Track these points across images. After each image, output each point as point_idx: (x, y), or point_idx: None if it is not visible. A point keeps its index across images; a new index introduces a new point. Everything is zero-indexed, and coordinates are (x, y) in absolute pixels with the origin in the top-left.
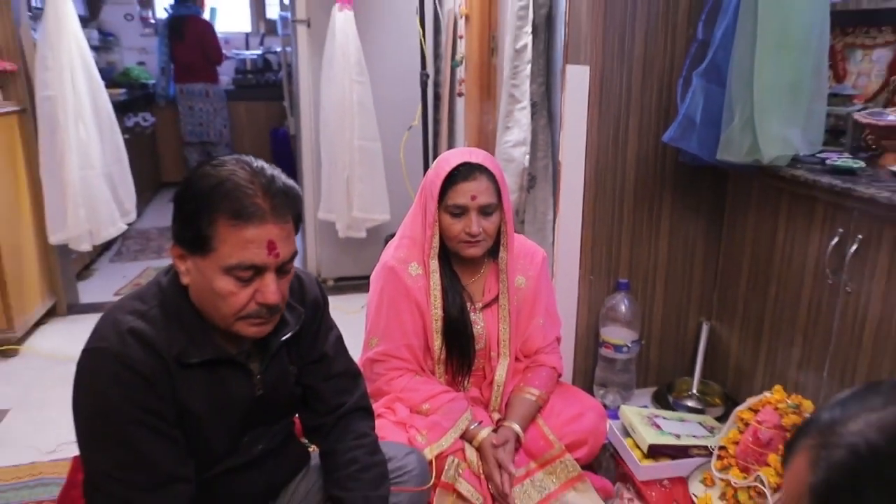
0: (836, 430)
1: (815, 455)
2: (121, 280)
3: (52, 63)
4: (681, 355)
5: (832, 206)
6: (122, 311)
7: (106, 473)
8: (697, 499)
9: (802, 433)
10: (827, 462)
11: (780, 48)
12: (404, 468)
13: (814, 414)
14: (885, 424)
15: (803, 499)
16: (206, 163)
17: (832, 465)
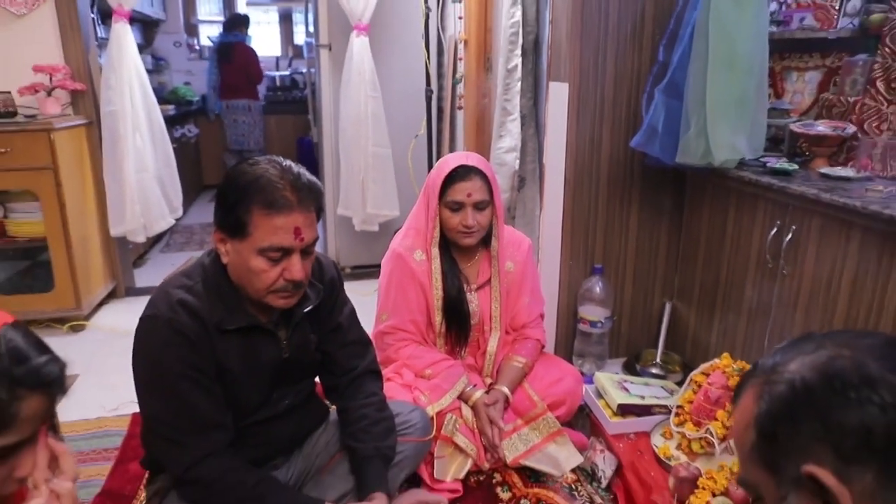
0: (777, 369)
1: (759, 391)
2: (169, 268)
3: (115, 83)
4: (647, 330)
5: (771, 202)
6: (172, 285)
7: (159, 419)
8: (658, 448)
9: (749, 375)
10: (769, 395)
11: (727, 69)
12: (409, 422)
13: (758, 360)
14: (817, 364)
15: (749, 428)
16: (244, 162)
17: (774, 398)
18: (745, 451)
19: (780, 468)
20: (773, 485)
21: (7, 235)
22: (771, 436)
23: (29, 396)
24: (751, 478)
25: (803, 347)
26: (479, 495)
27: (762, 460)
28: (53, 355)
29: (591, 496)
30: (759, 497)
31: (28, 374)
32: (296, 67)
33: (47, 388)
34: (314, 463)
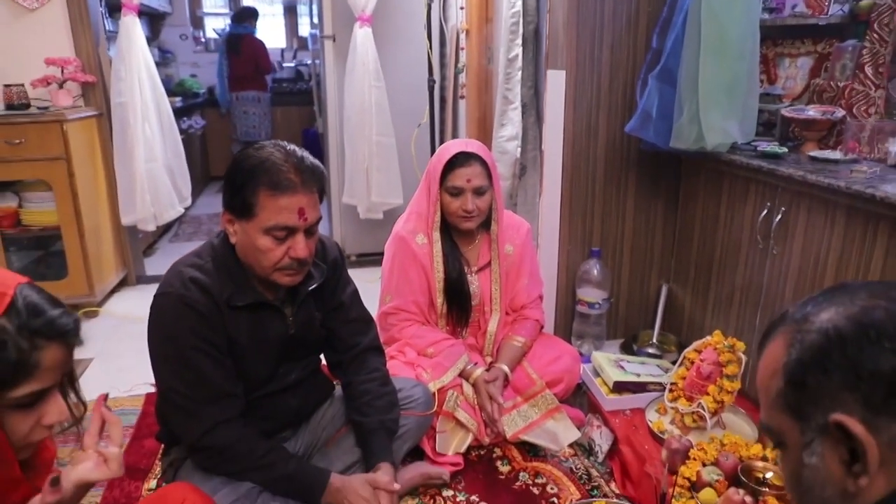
0: (809, 318)
1: (790, 339)
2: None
3: (125, 75)
4: (644, 311)
5: (762, 184)
6: (184, 264)
7: (174, 389)
8: (652, 423)
9: (778, 324)
10: (801, 344)
11: (719, 55)
12: (412, 397)
13: (787, 309)
14: (851, 314)
15: (777, 375)
16: (250, 146)
17: (805, 347)
18: (771, 398)
19: (807, 416)
20: (798, 432)
21: (21, 224)
22: (800, 384)
23: (47, 346)
24: (774, 424)
25: (837, 297)
26: (479, 469)
27: (788, 407)
28: (66, 308)
29: (588, 469)
30: (781, 443)
31: (45, 325)
32: (301, 59)
33: (63, 338)
34: (321, 436)
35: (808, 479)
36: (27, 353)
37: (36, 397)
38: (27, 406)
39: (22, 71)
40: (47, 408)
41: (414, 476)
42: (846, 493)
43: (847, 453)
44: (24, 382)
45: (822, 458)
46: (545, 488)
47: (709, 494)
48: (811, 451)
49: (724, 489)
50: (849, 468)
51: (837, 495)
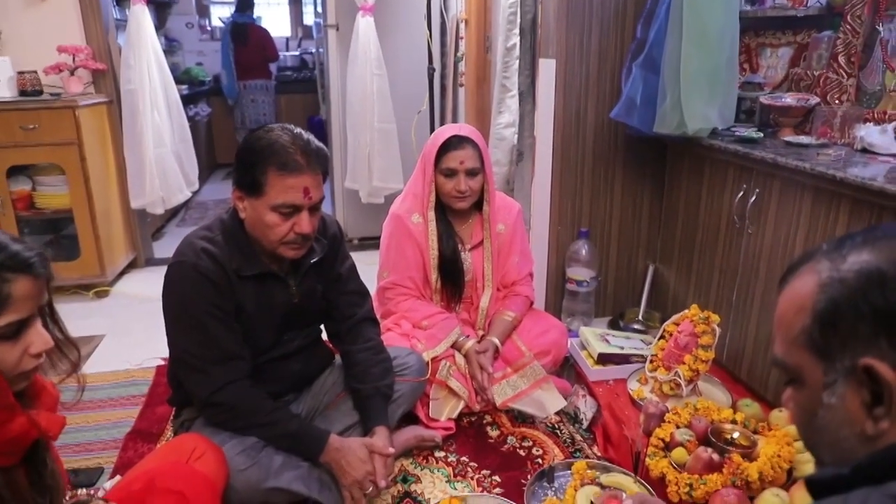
0: (846, 258)
1: (823, 276)
2: None
3: (134, 63)
4: (631, 290)
5: (739, 167)
6: (196, 236)
7: (188, 351)
8: (633, 391)
9: (805, 261)
10: (838, 283)
11: (700, 45)
12: (406, 364)
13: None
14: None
15: (803, 312)
16: (259, 129)
17: (841, 286)
18: (793, 335)
19: (834, 357)
20: (820, 371)
21: (35, 207)
22: (830, 324)
23: (15, 279)
24: (792, 360)
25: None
26: (470, 433)
27: (813, 346)
28: (29, 244)
29: (573, 435)
30: (795, 380)
31: (8, 258)
32: (305, 48)
33: (28, 269)
34: (322, 401)
35: (824, 418)
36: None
37: (16, 328)
38: (10, 337)
39: (35, 58)
40: (31, 338)
41: (409, 438)
42: (863, 435)
43: (870, 396)
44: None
45: (842, 400)
46: (531, 451)
47: (680, 453)
48: (832, 391)
49: (695, 448)
50: (870, 411)
51: (853, 437)
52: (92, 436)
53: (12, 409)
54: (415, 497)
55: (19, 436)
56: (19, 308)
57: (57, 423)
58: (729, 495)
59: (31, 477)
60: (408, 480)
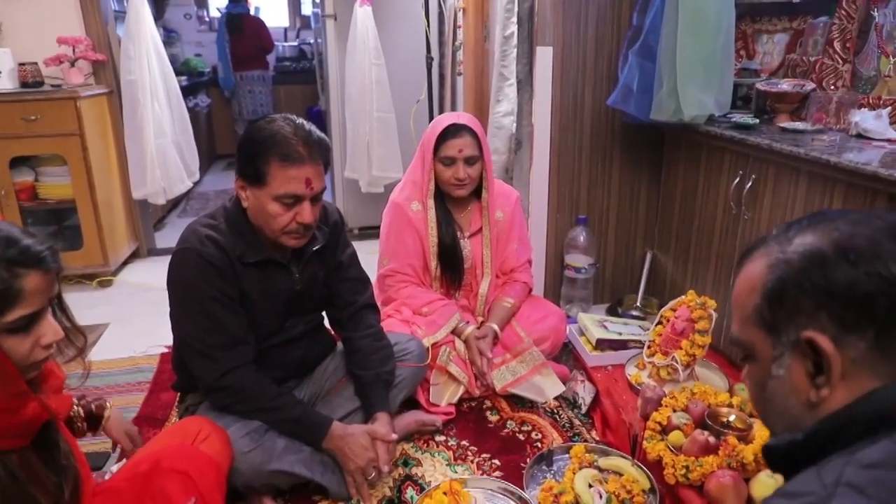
0: (792, 240)
1: (772, 258)
2: None
3: (134, 53)
4: (630, 277)
5: (734, 153)
6: (200, 224)
7: (193, 336)
8: (631, 377)
9: (759, 244)
10: (784, 263)
11: (696, 32)
12: (406, 350)
13: (765, 235)
14: (833, 238)
15: (754, 292)
16: (262, 119)
17: (787, 266)
18: (746, 313)
19: (780, 331)
20: (769, 346)
21: (38, 198)
22: (778, 300)
23: (27, 274)
24: (746, 337)
25: (819, 223)
26: (470, 418)
27: (763, 323)
28: (40, 238)
29: (571, 420)
30: (749, 356)
31: (20, 253)
32: (304, 38)
33: (40, 264)
34: (323, 386)
35: (773, 389)
36: (8, 281)
37: (28, 321)
38: (22, 329)
39: (35, 50)
40: (42, 329)
41: (410, 423)
42: (808, 402)
43: (812, 367)
44: (13, 308)
45: (788, 371)
46: (530, 435)
47: (677, 436)
48: (780, 363)
49: (692, 432)
50: (813, 380)
51: (800, 405)
52: None
53: (25, 396)
54: (416, 480)
55: (32, 419)
56: (31, 302)
57: (65, 404)
58: (724, 476)
59: (44, 457)
60: (409, 464)
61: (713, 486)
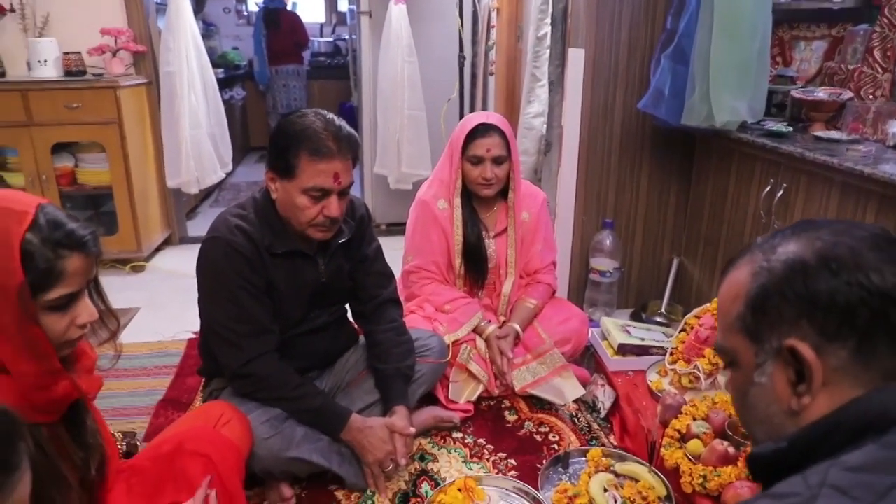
0: (776, 249)
1: (755, 267)
2: None
3: (173, 45)
4: (655, 283)
5: (766, 161)
6: (230, 214)
7: (220, 323)
8: (652, 383)
9: (745, 253)
10: (767, 272)
11: (731, 37)
12: (427, 346)
13: (751, 244)
14: (816, 248)
15: (738, 300)
16: (293, 113)
17: (770, 275)
18: (730, 321)
19: (763, 339)
20: (752, 353)
21: (77, 183)
22: (760, 309)
23: (69, 256)
24: (729, 345)
25: (803, 232)
26: (488, 416)
27: (746, 330)
28: (84, 223)
29: (590, 423)
30: (733, 363)
31: (65, 237)
32: (339, 34)
33: (82, 247)
34: (344, 378)
35: (755, 396)
36: (52, 261)
37: (67, 300)
38: (61, 308)
39: (80, 40)
40: (78, 310)
41: (427, 418)
42: (789, 410)
43: (794, 375)
44: (54, 287)
45: (770, 379)
46: (547, 436)
47: (695, 445)
48: (762, 371)
49: (711, 441)
50: (794, 388)
51: (781, 412)
52: (127, 402)
53: (58, 374)
54: (431, 475)
55: (63, 397)
56: (71, 283)
57: (95, 385)
58: (742, 488)
59: (72, 434)
60: (425, 459)
61: (731, 497)
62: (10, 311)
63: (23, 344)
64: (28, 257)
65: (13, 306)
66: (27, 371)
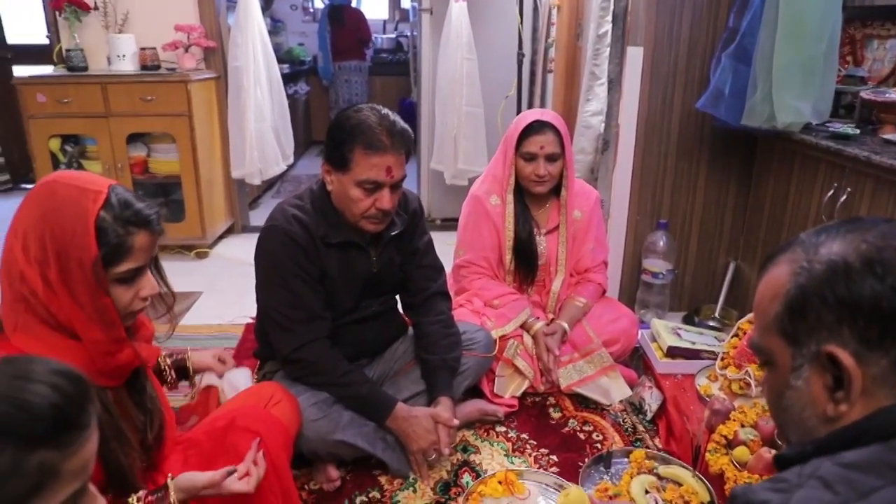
0: (819, 248)
1: (796, 266)
2: None
3: (241, 41)
4: (710, 286)
5: (830, 164)
6: (288, 204)
7: (275, 309)
8: (700, 387)
9: (784, 250)
10: (808, 272)
11: (796, 36)
12: (474, 340)
13: (795, 238)
14: (861, 249)
15: (777, 299)
16: (350, 108)
17: (811, 276)
18: (767, 321)
19: (801, 342)
20: (789, 355)
21: (149, 171)
22: (799, 311)
23: (137, 232)
24: (766, 344)
25: (850, 231)
26: (532, 412)
27: (783, 332)
28: (150, 203)
29: (635, 425)
30: (769, 362)
31: (134, 215)
32: (401, 31)
33: (148, 226)
34: (392, 367)
35: (790, 399)
36: (123, 237)
37: (133, 274)
38: (127, 281)
39: (155, 36)
40: (142, 283)
41: (472, 411)
42: (824, 416)
43: (832, 380)
44: (123, 262)
45: (807, 383)
46: (591, 435)
47: (742, 452)
48: (798, 374)
49: (758, 449)
50: (831, 394)
51: (815, 417)
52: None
53: (122, 342)
54: (473, 466)
55: (126, 363)
56: (137, 257)
57: (153, 354)
58: None
59: (134, 399)
60: (468, 451)
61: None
62: (84, 283)
63: (94, 313)
64: (102, 233)
65: (88, 278)
66: (97, 338)
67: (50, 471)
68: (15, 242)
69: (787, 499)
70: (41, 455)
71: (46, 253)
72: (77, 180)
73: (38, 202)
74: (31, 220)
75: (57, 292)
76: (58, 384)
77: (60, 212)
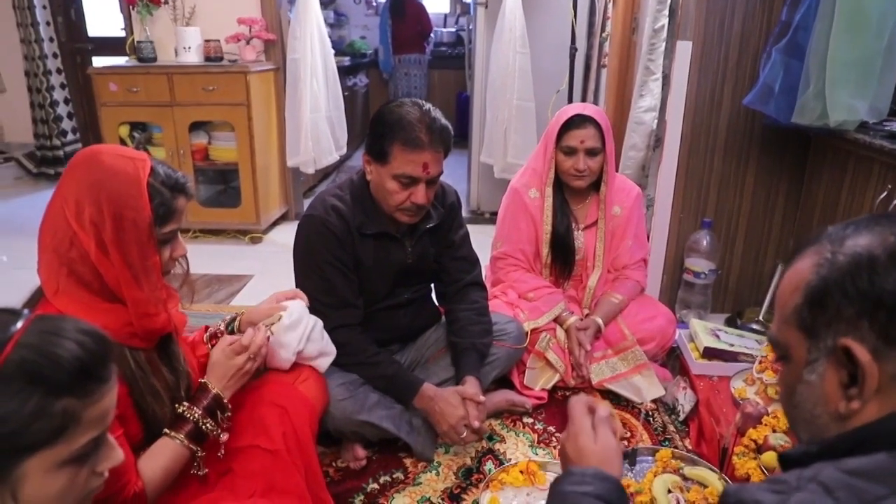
0: (844, 241)
1: (820, 258)
2: None
3: (299, 34)
4: (755, 288)
5: (884, 165)
6: (328, 193)
7: (309, 294)
8: (735, 390)
9: (811, 243)
10: (830, 265)
11: (853, 30)
12: (505, 330)
13: (823, 230)
14: (888, 243)
15: (798, 291)
16: (392, 102)
17: (833, 268)
18: (786, 313)
19: (818, 335)
20: (805, 349)
21: (209, 159)
22: (819, 303)
23: (179, 196)
24: (783, 337)
25: (878, 226)
26: (561, 406)
27: (801, 324)
28: (182, 173)
29: (666, 425)
30: (785, 357)
31: (175, 182)
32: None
33: (184, 191)
34: (424, 354)
35: (802, 394)
36: (170, 201)
37: (172, 235)
38: (168, 242)
39: (218, 28)
40: (176, 244)
41: (500, 401)
42: (836, 413)
43: (847, 377)
44: (168, 223)
45: (821, 378)
46: None
47: (770, 457)
48: (812, 368)
49: None
50: (845, 391)
51: (827, 414)
52: None
53: (161, 305)
54: (496, 455)
55: (160, 327)
56: (178, 219)
57: (182, 320)
58: None
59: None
60: (493, 439)
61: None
62: (137, 242)
63: (142, 272)
64: (153, 196)
65: (142, 237)
66: (140, 297)
67: (72, 417)
68: (65, 209)
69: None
70: (65, 402)
71: (103, 216)
72: (120, 151)
73: (87, 172)
74: (82, 188)
75: (109, 253)
76: (83, 341)
77: (114, 178)
